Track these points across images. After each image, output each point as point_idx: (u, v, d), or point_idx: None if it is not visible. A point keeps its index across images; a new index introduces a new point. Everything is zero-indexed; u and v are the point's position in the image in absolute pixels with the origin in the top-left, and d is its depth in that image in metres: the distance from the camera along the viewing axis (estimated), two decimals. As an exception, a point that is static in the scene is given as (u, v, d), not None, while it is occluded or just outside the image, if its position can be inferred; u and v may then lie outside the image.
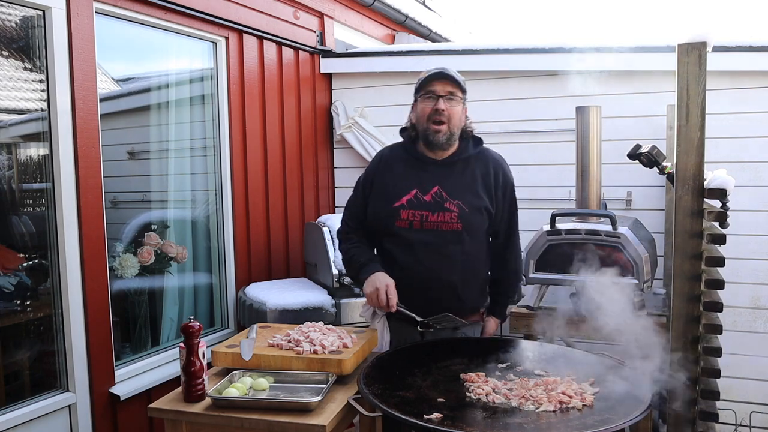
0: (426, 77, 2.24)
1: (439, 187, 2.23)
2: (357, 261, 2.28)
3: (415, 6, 6.09)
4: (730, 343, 3.48)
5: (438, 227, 2.20)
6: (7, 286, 2.75)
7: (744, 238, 3.44)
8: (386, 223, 2.25)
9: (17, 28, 2.71)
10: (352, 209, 2.41)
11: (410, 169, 2.29)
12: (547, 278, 2.91)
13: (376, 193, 2.31)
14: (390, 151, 2.40)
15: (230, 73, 3.57)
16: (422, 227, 2.21)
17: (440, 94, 2.20)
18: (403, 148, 2.36)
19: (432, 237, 2.21)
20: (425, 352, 2.05)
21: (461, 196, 2.23)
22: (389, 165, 2.33)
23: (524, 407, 1.64)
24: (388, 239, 2.28)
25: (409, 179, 2.26)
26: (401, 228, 2.22)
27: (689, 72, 1.65)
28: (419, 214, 2.21)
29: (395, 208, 2.23)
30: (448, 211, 2.21)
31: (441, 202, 2.22)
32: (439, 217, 2.20)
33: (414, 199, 2.23)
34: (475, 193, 2.25)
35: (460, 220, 2.20)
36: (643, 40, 3.67)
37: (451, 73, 2.22)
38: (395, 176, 2.29)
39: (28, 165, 3.02)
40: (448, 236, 2.21)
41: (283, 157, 4.02)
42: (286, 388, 1.90)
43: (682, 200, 1.69)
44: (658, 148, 2.84)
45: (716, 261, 1.68)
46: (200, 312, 3.62)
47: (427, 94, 2.22)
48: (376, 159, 2.41)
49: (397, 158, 2.34)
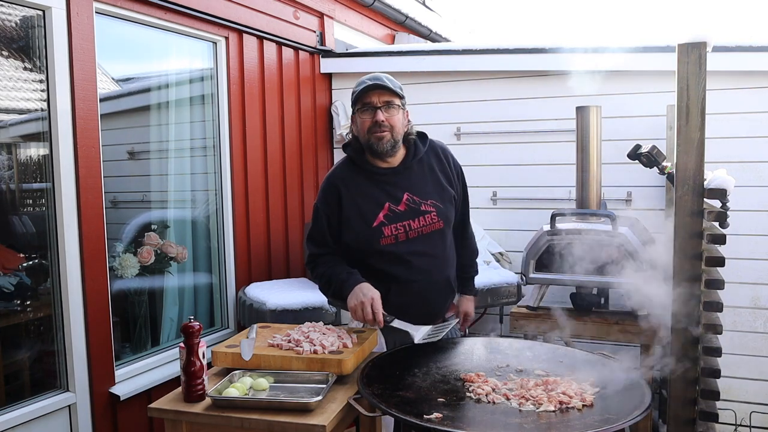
0: (360, 90, 2.16)
1: (408, 193, 2.21)
2: (338, 278, 2.17)
3: (415, 6, 6.10)
4: (730, 343, 3.51)
5: (422, 232, 2.20)
6: (7, 286, 2.75)
7: (744, 238, 3.44)
8: (370, 244, 2.19)
9: (17, 28, 2.71)
10: (318, 239, 2.27)
11: (373, 184, 2.22)
12: (547, 278, 2.91)
13: (348, 218, 2.20)
14: (343, 171, 2.27)
15: (230, 73, 3.57)
16: (407, 237, 2.18)
17: (377, 105, 2.14)
18: (354, 165, 2.26)
19: (420, 244, 2.20)
20: (425, 352, 2.05)
21: (431, 194, 2.24)
22: (351, 185, 2.22)
23: (524, 407, 1.64)
24: (374, 257, 2.21)
25: (376, 194, 2.20)
26: (387, 245, 2.17)
27: (689, 72, 1.65)
28: (401, 226, 2.18)
29: (376, 228, 2.17)
30: (426, 213, 2.21)
31: (416, 207, 2.20)
32: (420, 222, 2.20)
33: (390, 213, 2.18)
34: (441, 186, 2.27)
35: (440, 218, 2.22)
36: (643, 40, 3.67)
37: (386, 83, 2.14)
38: (362, 195, 2.20)
39: (28, 165, 3.02)
40: (434, 237, 2.23)
41: (283, 157, 4.02)
42: (286, 388, 1.90)
43: (682, 200, 1.69)
44: (658, 148, 2.84)
45: (716, 261, 1.68)
46: (200, 312, 3.62)
47: (364, 107, 2.16)
48: (334, 183, 2.24)
49: (354, 177, 2.24)
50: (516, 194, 4.04)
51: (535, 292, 3.01)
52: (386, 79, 2.17)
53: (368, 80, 2.17)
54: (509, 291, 3.51)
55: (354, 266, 2.22)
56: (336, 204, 2.22)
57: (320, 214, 2.26)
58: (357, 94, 2.17)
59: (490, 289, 3.43)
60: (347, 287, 2.12)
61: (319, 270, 2.26)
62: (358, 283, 2.12)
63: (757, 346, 3.52)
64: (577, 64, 3.75)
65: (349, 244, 2.23)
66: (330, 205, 2.23)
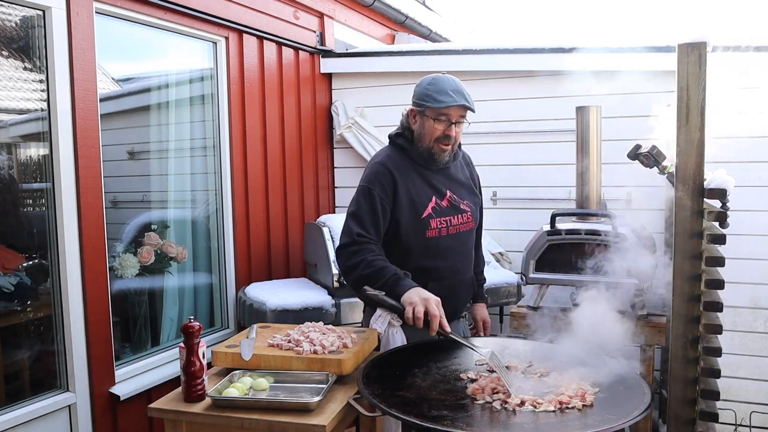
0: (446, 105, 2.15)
1: (449, 190, 2.30)
2: (392, 273, 2.05)
3: (415, 6, 6.10)
4: (730, 343, 3.51)
5: (459, 230, 2.29)
6: (7, 286, 2.76)
7: (744, 238, 3.44)
8: (417, 235, 2.21)
9: (17, 28, 2.71)
10: (367, 220, 2.15)
11: (421, 177, 2.26)
12: (547, 278, 2.91)
13: (401, 205, 2.19)
14: (392, 160, 2.25)
15: (230, 73, 3.57)
16: (448, 233, 2.26)
17: (454, 120, 2.19)
18: (404, 156, 2.27)
19: (456, 240, 2.29)
20: (425, 352, 2.05)
21: (466, 196, 2.36)
22: (404, 174, 2.23)
23: (524, 407, 1.64)
24: (416, 251, 2.22)
25: (425, 187, 2.26)
26: (432, 237, 2.22)
27: (689, 72, 1.65)
28: (445, 221, 2.26)
29: (425, 219, 2.21)
30: (464, 212, 2.31)
31: (456, 204, 2.30)
32: (459, 220, 2.30)
33: (436, 206, 2.25)
34: (472, 191, 2.41)
35: (473, 219, 2.35)
36: (643, 40, 3.66)
37: (470, 104, 2.18)
38: (413, 185, 2.23)
39: (28, 165, 3.02)
40: (466, 236, 2.33)
41: (283, 157, 4.02)
42: (286, 388, 1.90)
43: (682, 200, 1.69)
44: (658, 148, 2.84)
45: (716, 261, 1.68)
46: (200, 312, 3.62)
47: (440, 116, 2.18)
48: (388, 168, 2.21)
49: (404, 167, 2.25)
50: (516, 194, 4.04)
51: (535, 292, 3.01)
52: (467, 95, 2.19)
53: (452, 93, 2.15)
54: (509, 291, 3.51)
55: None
56: (391, 188, 2.19)
57: (374, 195, 2.17)
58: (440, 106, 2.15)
59: (490, 289, 3.43)
60: (404, 285, 2.01)
61: (367, 257, 2.09)
62: (416, 285, 2.03)
63: (757, 346, 3.52)
64: (577, 63, 3.75)
65: (397, 235, 2.21)
66: (385, 189, 2.19)
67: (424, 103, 2.19)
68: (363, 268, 2.08)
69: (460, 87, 2.20)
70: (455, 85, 2.19)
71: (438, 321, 1.91)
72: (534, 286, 3.00)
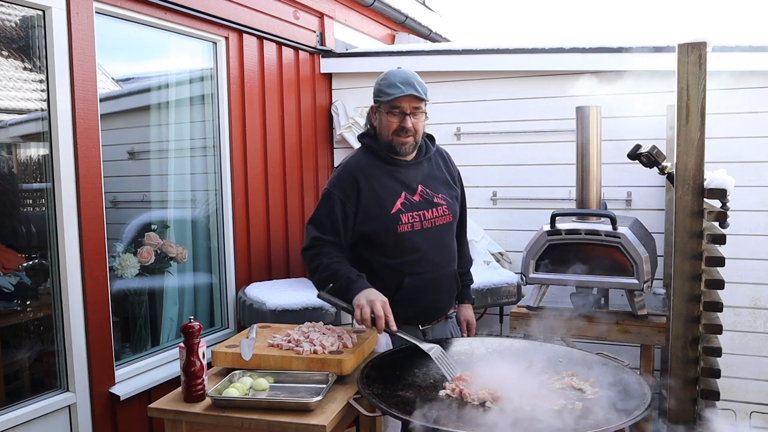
0: (394, 96, 2.16)
1: (421, 185, 2.29)
2: (346, 276, 2.10)
3: (415, 6, 6.10)
4: (730, 343, 3.51)
5: (435, 223, 2.28)
6: (7, 286, 2.75)
7: (744, 238, 3.44)
8: (388, 232, 2.21)
9: (17, 28, 2.71)
10: (325, 224, 2.20)
11: (389, 174, 2.26)
12: (547, 278, 2.91)
13: (367, 206, 2.21)
14: (360, 161, 2.28)
15: (230, 73, 3.57)
16: (422, 227, 2.25)
17: (407, 111, 2.19)
18: (371, 154, 2.29)
19: (432, 234, 2.27)
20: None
21: (441, 189, 2.34)
22: (369, 175, 2.24)
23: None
24: (390, 248, 2.22)
25: (393, 184, 2.25)
26: (405, 232, 2.21)
27: (689, 72, 1.65)
28: (417, 215, 2.24)
29: (394, 214, 2.21)
30: (438, 205, 2.30)
31: (429, 198, 2.29)
32: (434, 213, 2.28)
33: (406, 201, 2.25)
34: (448, 184, 2.39)
35: (449, 211, 2.33)
36: (643, 40, 3.67)
37: (419, 92, 2.17)
38: (380, 184, 2.23)
39: (28, 165, 3.02)
40: (444, 229, 2.31)
41: (283, 157, 4.02)
42: (286, 388, 1.90)
43: (682, 200, 1.69)
44: (658, 148, 2.84)
45: (716, 261, 1.68)
46: (200, 312, 3.62)
47: (393, 109, 2.20)
48: (353, 174, 2.23)
49: (371, 165, 2.26)
50: (516, 194, 4.04)
51: (535, 292, 3.01)
52: (417, 84, 2.19)
53: (401, 84, 2.17)
54: (509, 291, 3.51)
55: (366, 266, 2.22)
56: (354, 194, 2.22)
57: (334, 200, 2.21)
58: (389, 98, 2.18)
59: (490, 289, 3.43)
60: (356, 288, 2.07)
61: (324, 261, 2.16)
62: (368, 287, 2.08)
63: (757, 346, 3.52)
64: (577, 64, 3.75)
65: (367, 235, 2.23)
66: (347, 194, 2.22)
67: (378, 98, 2.24)
68: (321, 271, 2.16)
69: (410, 78, 2.19)
70: (405, 77, 2.19)
71: (383, 321, 1.97)
72: (534, 286, 3.01)
